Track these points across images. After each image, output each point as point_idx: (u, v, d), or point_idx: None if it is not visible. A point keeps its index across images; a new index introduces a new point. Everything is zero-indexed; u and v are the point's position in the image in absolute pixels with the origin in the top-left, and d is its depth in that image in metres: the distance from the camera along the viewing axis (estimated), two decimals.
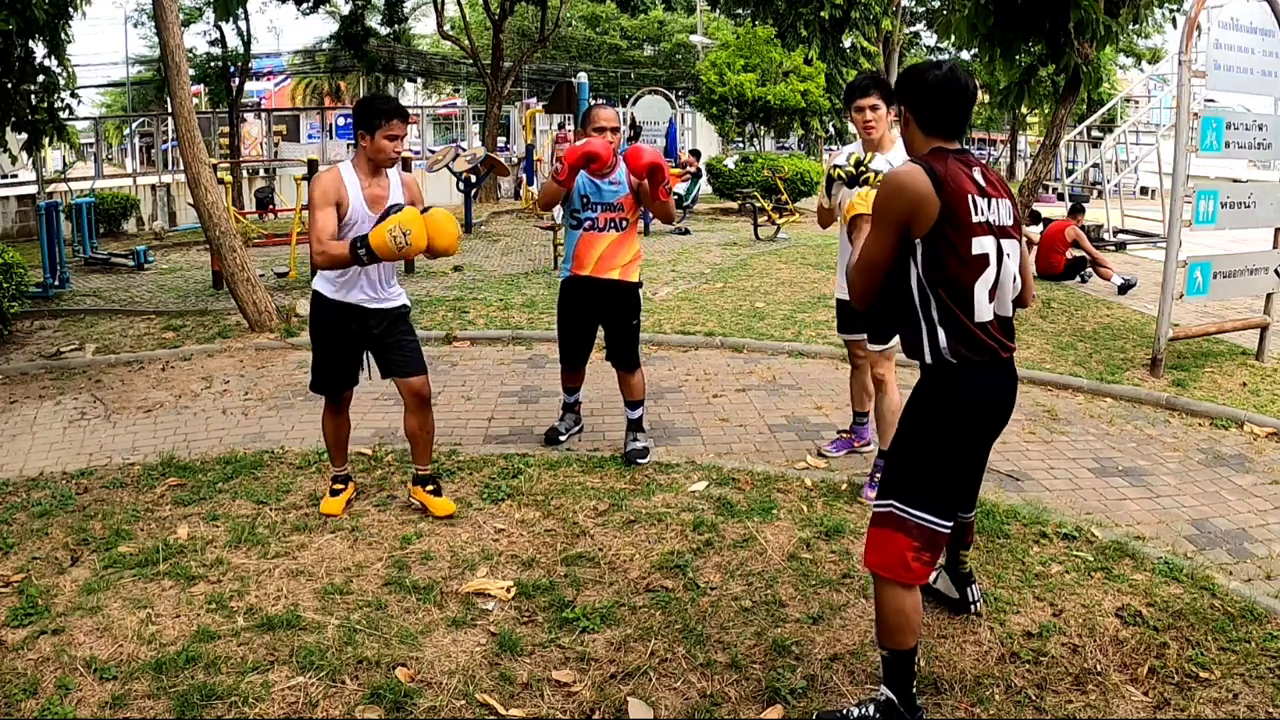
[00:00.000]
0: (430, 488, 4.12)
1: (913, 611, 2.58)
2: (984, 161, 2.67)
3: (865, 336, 4.57)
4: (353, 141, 4.11)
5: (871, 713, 2.65)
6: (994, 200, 2.53)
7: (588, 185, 4.55)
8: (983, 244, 2.48)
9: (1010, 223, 2.57)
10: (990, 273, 2.50)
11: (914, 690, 2.64)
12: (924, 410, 2.62)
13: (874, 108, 4.14)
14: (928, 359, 2.57)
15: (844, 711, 2.71)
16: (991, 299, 2.52)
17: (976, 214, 2.47)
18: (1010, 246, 2.56)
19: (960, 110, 2.54)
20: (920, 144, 2.59)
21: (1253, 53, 6.56)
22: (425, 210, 3.77)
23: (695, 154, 18.39)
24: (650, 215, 4.16)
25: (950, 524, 2.60)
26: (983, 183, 2.52)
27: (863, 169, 3.65)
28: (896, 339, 4.41)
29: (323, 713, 2.78)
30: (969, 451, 2.63)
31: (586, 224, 4.62)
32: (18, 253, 7.94)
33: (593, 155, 4.29)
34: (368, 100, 3.88)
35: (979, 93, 2.74)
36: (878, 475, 4.36)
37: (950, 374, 2.55)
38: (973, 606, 3.25)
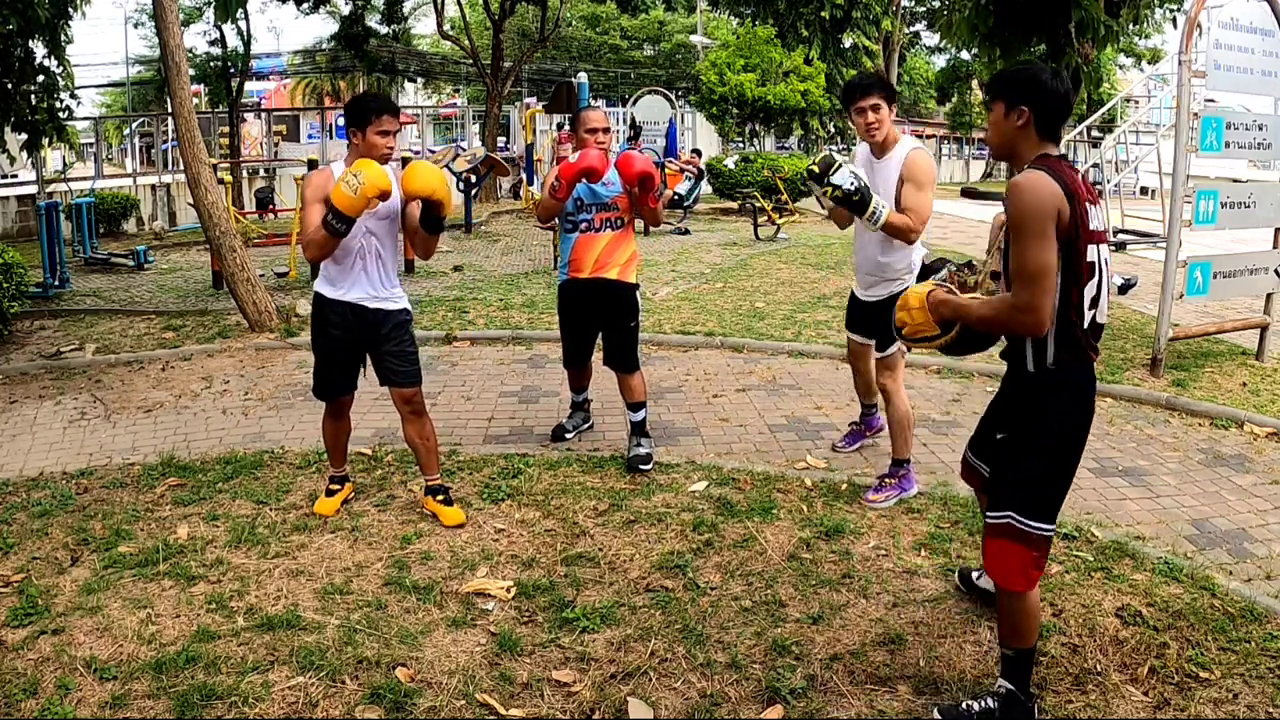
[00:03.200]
0: (440, 497, 4.10)
1: (1035, 612, 2.66)
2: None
3: (870, 341, 4.53)
4: None
5: (991, 705, 2.70)
6: (1096, 208, 2.55)
7: (582, 188, 4.54)
8: (1092, 253, 2.49)
9: (1104, 229, 2.60)
10: (1095, 281, 2.53)
11: (1029, 680, 2.71)
12: (1036, 422, 2.60)
13: (875, 108, 4.01)
14: (1030, 367, 2.58)
15: (964, 706, 2.73)
16: (1093, 306, 2.55)
17: (1093, 221, 2.49)
18: (1107, 253, 2.59)
19: (1067, 116, 2.58)
20: (1032, 148, 2.53)
21: (1253, 53, 6.55)
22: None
23: (697, 153, 18.39)
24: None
25: (1054, 529, 2.66)
26: (1086, 190, 2.51)
27: (826, 179, 3.61)
28: (896, 345, 4.30)
29: (323, 713, 2.77)
30: (1077, 456, 2.65)
31: (583, 225, 4.60)
32: (18, 253, 7.93)
33: (589, 170, 4.30)
34: (359, 98, 3.87)
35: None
36: (888, 480, 4.30)
37: (1056, 382, 2.57)
38: None
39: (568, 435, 5.19)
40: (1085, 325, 2.53)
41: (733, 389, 6.24)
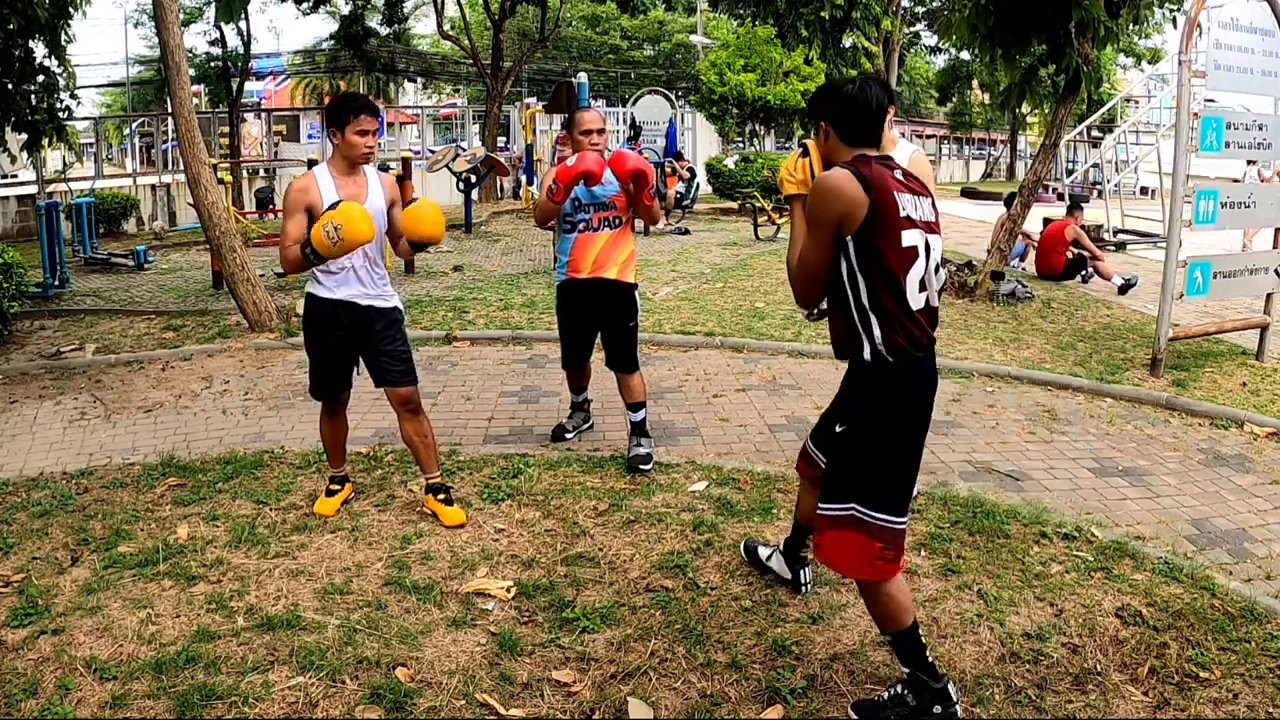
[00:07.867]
0: (441, 496, 4.10)
1: (898, 593, 2.70)
2: (903, 166, 2.80)
3: None
4: None
5: (901, 691, 2.74)
6: (918, 198, 2.66)
7: (579, 189, 4.54)
8: (911, 237, 2.61)
9: (933, 219, 2.71)
10: (920, 264, 2.63)
11: (930, 660, 2.72)
12: (874, 412, 2.67)
13: None
14: (866, 356, 2.64)
15: (877, 698, 2.79)
16: (921, 289, 2.65)
17: (903, 209, 2.60)
18: (934, 241, 2.70)
19: (876, 120, 2.67)
20: (844, 154, 2.69)
21: (1253, 53, 6.56)
22: (409, 204, 3.84)
23: (679, 156, 18.43)
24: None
25: (906, 520, 2.70)
26: (905, 181, 2.67)
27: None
28: None
29: (323, 713, 2.77)
30: (920, 445, 2.73)
31: (581, 225, 4.61)
32: (18, 253, 7.94)
33: (586, 174, 4.31)
34: (338, 98, 3.90)
35: (892, 103, 2.84)
36: None
37: (890, 372, 2.63)
38: (804, 588, 3.41)
39: (568, 435, 5.19)
40: (914, 308, 2.62)
41: (733, 389, 6.24)
